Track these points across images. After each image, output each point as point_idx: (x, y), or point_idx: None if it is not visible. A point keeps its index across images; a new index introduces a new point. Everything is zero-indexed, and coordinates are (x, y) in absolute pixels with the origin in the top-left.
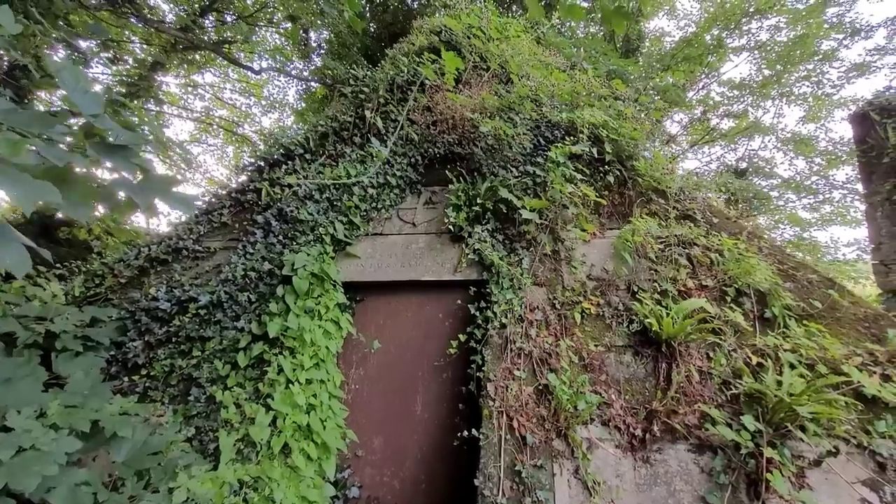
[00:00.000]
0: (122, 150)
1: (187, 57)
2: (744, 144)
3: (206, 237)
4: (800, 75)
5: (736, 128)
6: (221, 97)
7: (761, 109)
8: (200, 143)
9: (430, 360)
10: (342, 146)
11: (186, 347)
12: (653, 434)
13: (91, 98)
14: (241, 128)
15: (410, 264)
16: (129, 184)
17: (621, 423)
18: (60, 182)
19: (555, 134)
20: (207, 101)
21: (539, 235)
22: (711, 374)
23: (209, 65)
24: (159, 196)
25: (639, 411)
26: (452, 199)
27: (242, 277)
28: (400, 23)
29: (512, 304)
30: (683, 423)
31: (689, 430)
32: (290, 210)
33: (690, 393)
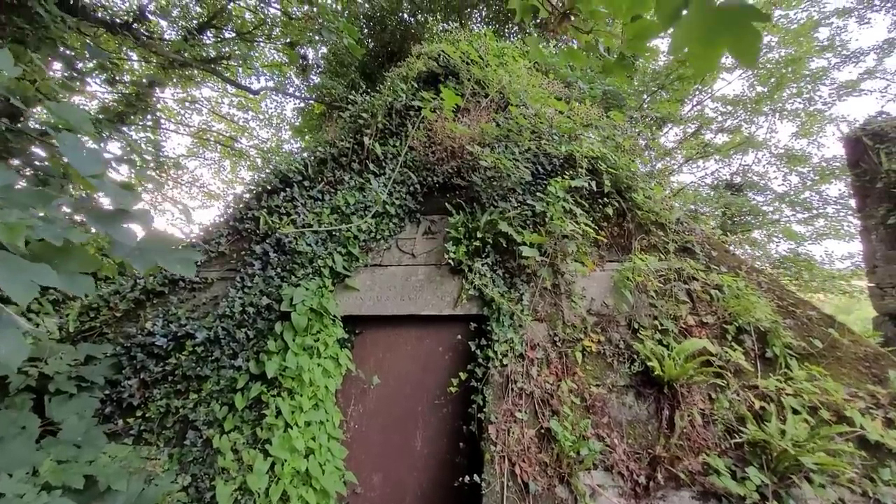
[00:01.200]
0: (120, 215)
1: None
2: (738, 159)
3: (203, 267)
4: (792, 92)
5: (730, 143)
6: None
7: (754, 125)
8: (198, 157)
9: (430, 395)
10: (341, 173)
11: (183, 387)
12: (656, 482)
13: (90, 158)
14: (239, 142)
15: (410, 297)
16: (128, 248)
17: (624, 469)
18: (57, 254)
19: (553, 165)
20: (205, 116)
21: (539, 269)
22: (714, 418)
23: (207, 79)
24: (158, 258)
25: (642, 457)
26: (452, 233)
27: (241, 313)
28: (398, 41)
29: (513, 342)
30: (687, 470)
31: (692, 478)
32: (289, 241)
33: (694, 438)
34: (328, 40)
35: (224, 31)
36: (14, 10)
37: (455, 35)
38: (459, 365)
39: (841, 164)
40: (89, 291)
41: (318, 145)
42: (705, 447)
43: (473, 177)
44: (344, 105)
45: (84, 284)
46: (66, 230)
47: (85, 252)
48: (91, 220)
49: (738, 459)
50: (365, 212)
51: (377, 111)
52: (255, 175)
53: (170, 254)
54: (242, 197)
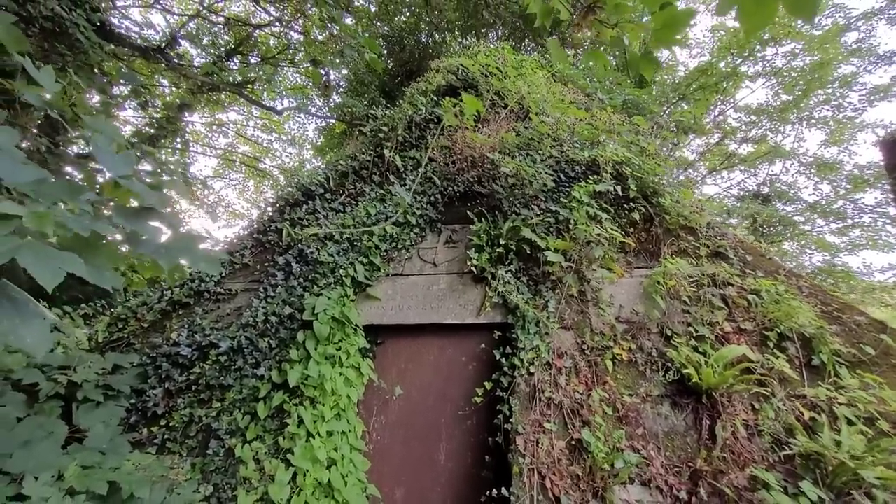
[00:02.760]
0: (147, 213)
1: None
2: (764, 169)
3: (227, 279)
4: (819, 100)
5: (755, 152)
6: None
7: (780, 134)
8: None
9: (454, 406)
10: (362, 185)
11: (206, 396)
12: (699, 497)
13: (121, 160)
14: (263, 162)
15: (432, 306)
16: (154, 245)
17: (663, 483)
18: (85, 248)
19: (576, 171)
20: (231, 138)
21: (564, 276)
22: (760, 429)
23: (233, 104)
24: (184, 256)
25: (682, 470)
26: (474, 240)
27: (263, 322)
28: (416, 60)
29: (539, 350)
30: (732, 485)
31: (739, 494)
32: (311, 252)
33: (738, 451)
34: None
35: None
36: (56, 36)
37: (473, 50)
38: (483, 375)
39: (875, 172)
40: (116, 286)
41: (340, 159)
42: (751, 460)
43: (494, 185)
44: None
45: (111, 279)
46: (93, 222)
47: (112, 248)
48: (117, 216)
49: (787, 474)
50: (386, 223)
51: (397, 124)
52: (278, 189)
53: (195, 252)
54: (266, 210)
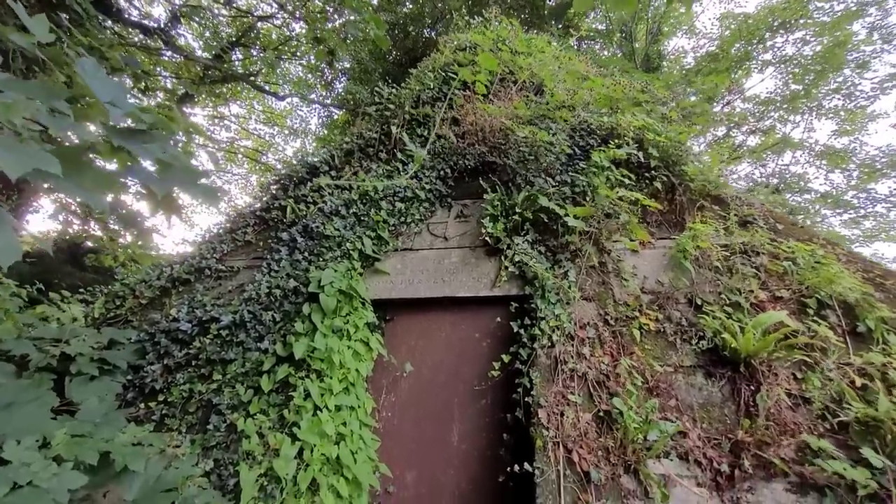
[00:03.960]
0: (142, 135)
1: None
2: (773, 160)
3: (229, 256)
4: (829, 88)
5: (763, 143)
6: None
7: (790, 124)
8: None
9: (467, 384)
10: (368, 163)
11: (207, 371)
12: (742, 470)
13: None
14: (266, 156)
15: (444, 280)
16: (147, 172)
17: (701, 456)
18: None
19: (592, 141)
20: (233, 132)
21: (584, 246)
22: (806, 398)
23: (235, 97)
24: (180, 186)
25: (721, 442)
26: (489, 209)
27: (267, 295)
28: (420, 48)
29: (560, 319)
30: (779, 456)
31: (788, 466)
32: (316, 226)
33: (782, 421)
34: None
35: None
36: (54, 8)
37: (482, 26)
38: (498, 352)
39: (890, 160)
40: (101, 208)
41: (345, 137)
42: (798, 430)
43: (507, 159)
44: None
45: (97, 200)
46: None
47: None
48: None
49: (840, 445)
50: (394, 198)
51: (404, 102)
52: (282, 167)
53: (193, 182)
54: (269, 188)
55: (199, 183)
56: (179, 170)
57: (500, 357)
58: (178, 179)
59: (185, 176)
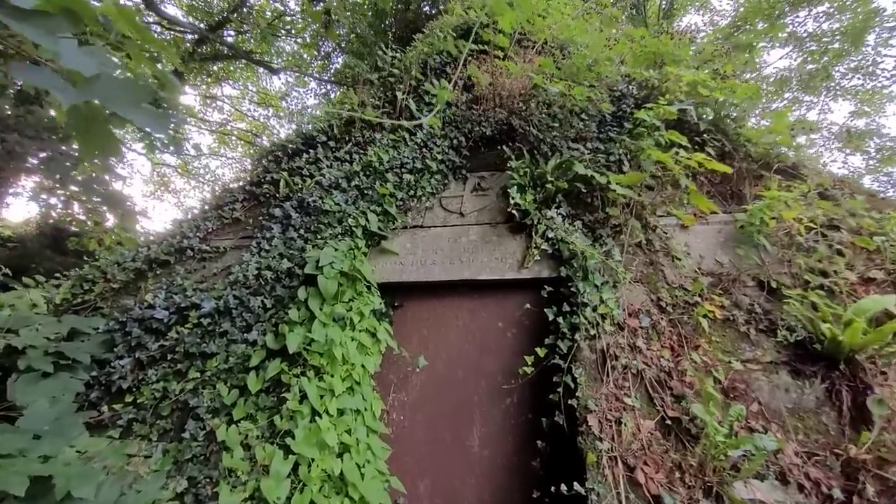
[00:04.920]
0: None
1: (205, 67)
2: None
3: (214, 235)
4: (848, 67)
5: None
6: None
7: (805, 106)
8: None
9: (490, 381)
10: (370, 132)
11: (184, 366)
12: (864, 497)
13: None
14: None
15: (462, 260)
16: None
17: (803, 476)
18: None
19: (626, 105)
20: (226, 114)
21: (628, 221)
22: None
23: (228, 77)
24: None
25: (826, 459)
26: (515, 178)
27: (256, 278)
28: (423, 21)
29: (608, 306)
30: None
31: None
32: (313, 200)
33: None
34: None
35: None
36: None
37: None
38: (526, 342)
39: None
40: None
41: (345, 104)
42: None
43: (530, 125)
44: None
45: None
46: None
47: None
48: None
49: None
50: (401, 169)
51: (411, 66)
52: (274, 138)
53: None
54: (260, 160)
55: (142, 106)
56: (113, 83)
57: (527, 349)
58: (107, 94)
59: (121, 93)
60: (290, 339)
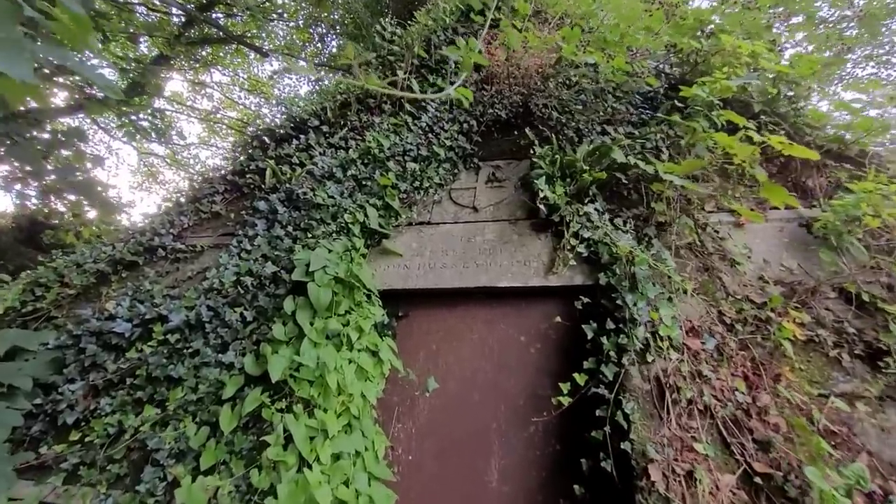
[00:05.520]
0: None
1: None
2: None
3: (191, 232)
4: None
5: None
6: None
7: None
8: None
9: (510, 404)
10: (368, 116)
11: (145, 394)
12: None
13: None
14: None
15: (477, 264)
16: None
17: None
18: None
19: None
20: (216, 102)
21: (676, 218)
22: None
23: (217, 63)
24: None
25: None
26: (542, 167)
27: (234, 286)
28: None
29: (666, 323)
30: None
31: None
32: (303, 192)
33: None
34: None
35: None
36: None
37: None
38: (555, 361)
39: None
40: None
41: (340, 87)
42: None
43: (550, 108)
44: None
45: None
46: None
47: None
48: None
49: None
50: (404, 157)
51: (413, 43)
52: (260, 123)
53: None
54: (245, 147)
55: None
56: None
57: (556, 368)
58: None
59: None
60: (272, 363)
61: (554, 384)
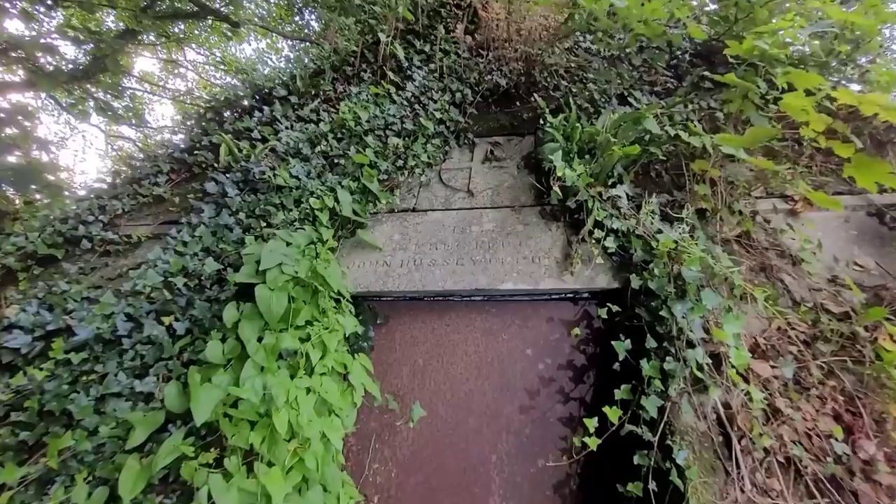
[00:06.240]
0: None
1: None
2: None
3: (127, 219)
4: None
5: None
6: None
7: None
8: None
9: (515, 432)
10: (344, 86)
11: (32, 436)
12: None
13: None
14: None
15: (474, 260)
16: None
17: None
18: None
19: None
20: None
21: (718, 206)
22: None
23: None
24: None
25: None
26: (557, 138)
27: (163, 288)
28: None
29: (728, 343)
30: None
31: None
32: (260, 171)
33: None
34: None
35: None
36: None
37: None
38: (569, 380)
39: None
40: None
41: (311, 54)
42: None
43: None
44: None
45: None
46: None
47: None
48: None
49: None
50: (386, 131)
51: (397, 3)
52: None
53: None
54: (199, 120)
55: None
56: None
57: (573, 390)
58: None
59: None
60: (198, 397)
61: (568, 411)
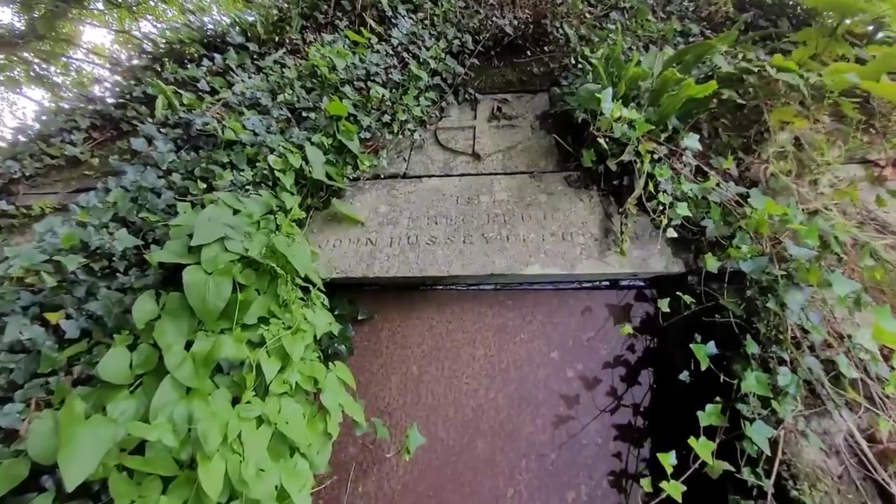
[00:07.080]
0: None
1: None
2: None
3: (29, 185)
4: None
5: None
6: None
7: None
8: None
9: (536, 458)
10: (315, 34)
11: None
12: None
13: None
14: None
15: (485, 237)
16: None
17: None
18: None
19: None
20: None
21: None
22: None
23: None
24: None
25: None
26: (601, 73)
27: (55, 273)
28: None
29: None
30: None
31: None
32: (205, 123)
33: None
34: None
35: None
36: None
37: None
38: (610, 391)
39: None
40: None
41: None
42: None
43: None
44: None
45: None
46: None
47: None
48: None
49: None
50: (367, 82)
51: None
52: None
53: None
54: (131, 69)
55: None
56: None
57: (619, 406)
58: None
59: None
60: (73, 442)
61: (609, 432)
